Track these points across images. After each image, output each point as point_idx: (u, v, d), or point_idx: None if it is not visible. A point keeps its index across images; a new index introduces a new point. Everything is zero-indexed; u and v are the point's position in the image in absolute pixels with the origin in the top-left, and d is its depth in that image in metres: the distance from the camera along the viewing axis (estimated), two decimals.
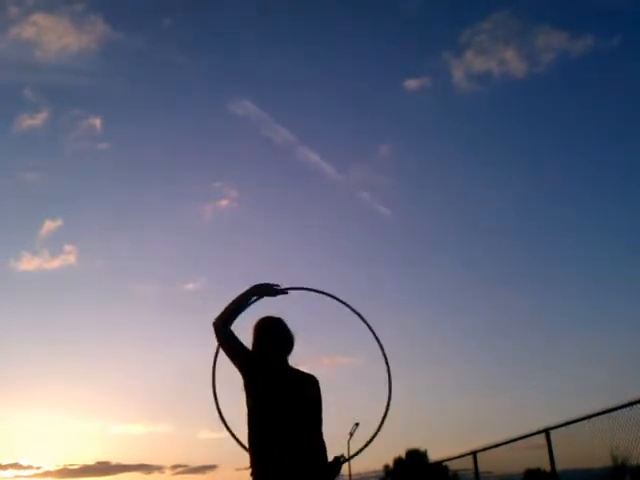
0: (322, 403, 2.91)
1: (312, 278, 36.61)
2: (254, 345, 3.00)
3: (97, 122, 31.96)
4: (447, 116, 35.67)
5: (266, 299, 3.21)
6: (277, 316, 3.11)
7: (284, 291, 3.17)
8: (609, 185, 33.70)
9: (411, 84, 33.95)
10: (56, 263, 33.18)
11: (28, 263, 32.68)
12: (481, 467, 10.49)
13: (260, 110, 32.56)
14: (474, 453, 10.58)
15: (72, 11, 32.21)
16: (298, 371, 2.99)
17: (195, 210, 35.37)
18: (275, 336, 2.97)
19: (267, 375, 2.87)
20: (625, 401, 6.39)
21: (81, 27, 32.60)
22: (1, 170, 33.46)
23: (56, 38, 30.90)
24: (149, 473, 27.33)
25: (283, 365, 2.96)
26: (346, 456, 3.01)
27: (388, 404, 3.14)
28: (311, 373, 3.01)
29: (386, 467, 24.85)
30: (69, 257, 33.44)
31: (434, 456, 17.54)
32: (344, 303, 3.35)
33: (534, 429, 8.26)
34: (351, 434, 18.26)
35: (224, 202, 34.67)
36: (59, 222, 33.00)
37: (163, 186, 35.84)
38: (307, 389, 2.89)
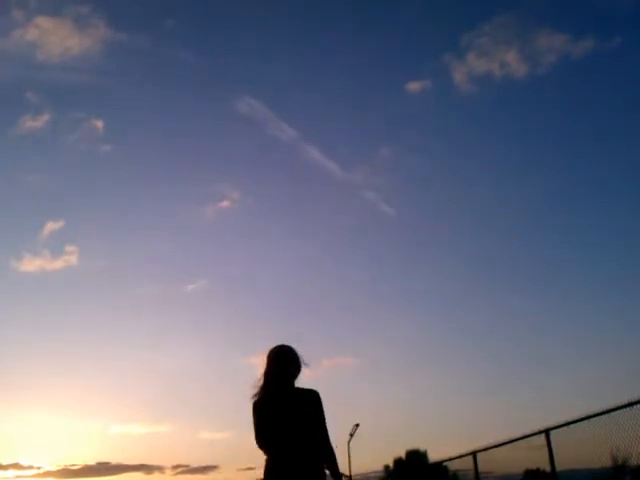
0: (320, 413, 3.31)
1: (315, 278, 36.63)
2: (266, 370, 3.39)
3: (99, 124, 32.03)
4: (449, 117, 35.74)
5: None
6: (288, 345, 3.47)
7: None
8: (610, 186, 33.72)
9: (413, 86, 33.99)
10: (58, 264, 33.26)
11: (30, 264, 32.75)
12: (481, 467, 10.49)
13: (264, 108, 32.61)
14: (474, 453, 10.58)
15: (75, 13, 32.29)
16: (299, 390, 3.37)
17: (197, 211, 35.44)
18: (285, 364, 3.37)
19: (268, 403, 3.28)
20: (625, 401, 6.39)
21: (84, 29, 32.74)
22: (3, 171, 33.58)
23: (59, 40, 31.01)
24: (150, 473, 27.34)
25: (286, 388, 3.33)
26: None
27: None
28: (312, 388, 3.38)
29: (386, 467, 24.84)
30: (71, 258, 33.51)
31: (434, 456, 17.55)
32: None
33: (534, 429, 8.26)
34: (351, 435, 18.30)
35: (226, 203, 34.77)
36: (61, 223, 33.09)
37: (165, 187, 35.93)
38: (302, 404, 3.29)
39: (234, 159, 37.98)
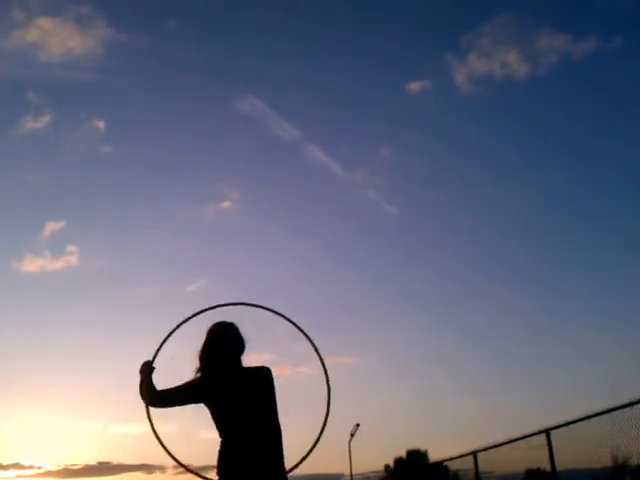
0: (272, 391, 3.12)
1: (315, 278, 36.64)
2: (206, 347, 3.20)
3: (100, 124, 32.05)
4: (449, 117, 35.76)
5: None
6: (230, 321, 3.29)
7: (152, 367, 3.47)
8: (610, 186, 33.72)
9: (414, 86, 34.04)
10: (58, 264, 33.25)
11: (30, 264, 32.75)
12: (482, 467, 10.51)
13: (266, 107, 32.64)
14: (474, 453, 10.59)
15: (75, 13, 32.30)
16: (249, 368, 3.19)
17: (197, 211, 35.45)
18: (228, 340, 3.19)
19: (214, 383, 3.09)
20: (625, 401, 6.40)
21: (84, 29, 32.75)
22: (4, 172, 33.60)
23: (59, 40, 31.03)
24: (150, 473, 27.26)
25: (234, 366, 3.17)
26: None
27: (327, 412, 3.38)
28: (262, 365, 3.19)
29: (387, 467, 24.87)
30: (71, 258, 33.49)
31: (434, 456, 17.56)
32: (279, 314, 3.52)
33: (534, 429, 8.28)
34: (352, 434, 18.29)
35: (226, 203, 34.79)
36: (62, 223, 33.11)
37: (165, 187, 35.94)
38: (255, 383, 3.09)
39: (234, 159, 37.98)
